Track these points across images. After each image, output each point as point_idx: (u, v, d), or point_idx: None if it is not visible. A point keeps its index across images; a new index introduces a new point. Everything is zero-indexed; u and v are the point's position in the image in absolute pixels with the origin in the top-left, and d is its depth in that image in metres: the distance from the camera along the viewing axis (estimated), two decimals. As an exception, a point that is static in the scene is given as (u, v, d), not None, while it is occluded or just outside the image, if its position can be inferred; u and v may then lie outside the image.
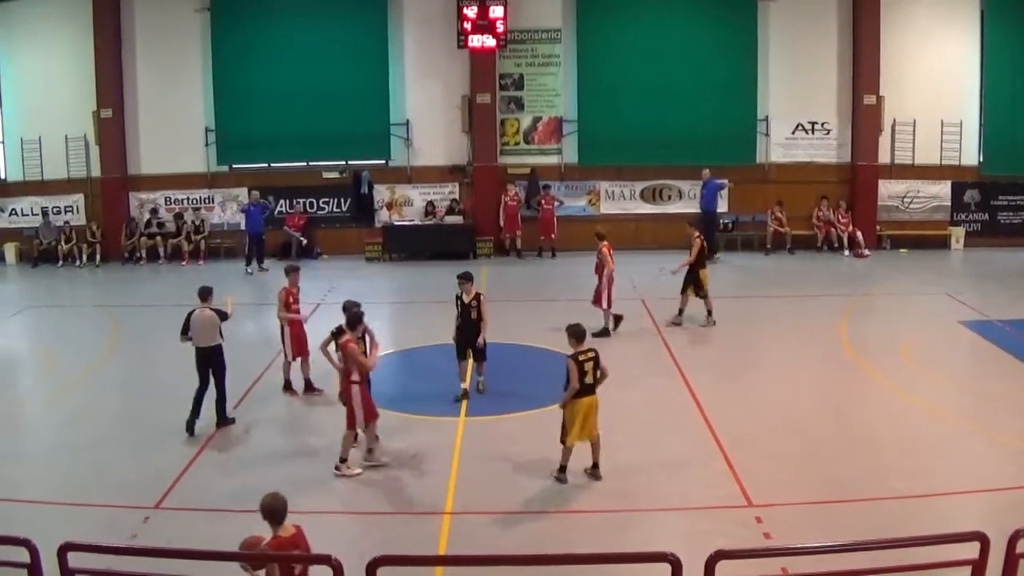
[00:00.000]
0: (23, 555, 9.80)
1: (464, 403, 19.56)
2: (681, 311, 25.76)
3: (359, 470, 16.61)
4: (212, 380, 18.80)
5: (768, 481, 15.79)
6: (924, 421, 18.79)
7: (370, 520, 14.73)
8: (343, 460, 16.56)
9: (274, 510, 10.29)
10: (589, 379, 15.72)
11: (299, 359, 20.83)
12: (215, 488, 16.04)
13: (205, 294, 18.93)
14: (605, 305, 24.64)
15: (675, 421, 18.72)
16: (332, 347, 17.50)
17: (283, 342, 20.82)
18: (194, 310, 18.85)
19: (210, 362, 18.79)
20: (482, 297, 20.13)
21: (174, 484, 16.06)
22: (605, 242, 24.97)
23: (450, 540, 14.03)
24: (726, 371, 21.96)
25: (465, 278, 20.23)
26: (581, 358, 15.73)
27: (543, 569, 12.06)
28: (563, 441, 15.91)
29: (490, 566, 12.67)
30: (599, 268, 24.74)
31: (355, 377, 16.51)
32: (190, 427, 18.54)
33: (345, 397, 16.87)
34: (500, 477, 16.36)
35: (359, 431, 16.88)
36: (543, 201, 35.88)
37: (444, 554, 13.57)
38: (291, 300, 20.76)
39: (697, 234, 25.96)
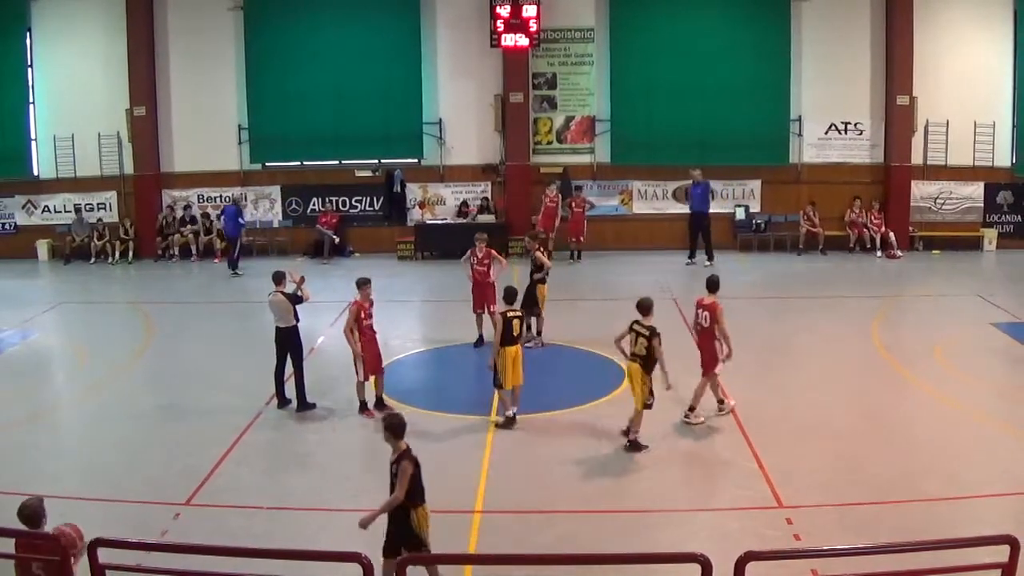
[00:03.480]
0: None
1: (494, 402, 19.46)
2: (537, 331, 24.25)
3: (702, 418, 18.61)
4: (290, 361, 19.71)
5: (799, 482, 15.76)
6: (956, 423, 18.70)
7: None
8: (691, 409, 18.66)
9: (26, 516, 10.39)
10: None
11: (372, 377, 19.44)
12: (246, 485, 16.13)
13: (277, 279, 19.57)
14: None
15: (707, 421, 18.67)
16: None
17: (355, 361, 19.20)
18: (270, 294, 19.53)
19: (285, 342, 19.55)
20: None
21: (205, 480, 16.14)
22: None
23: (479, 539, 14.06)
24: (758, 372, 21.87)
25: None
26: (510, 315, 18.61)
27: (573, 569, 12.07)
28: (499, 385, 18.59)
29: (519, 565, 12.69)
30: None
31: (719, 333, 18.61)
32: (280, 404, 19.64)
33: (703, 347, 18.91)
34: (530, 476, 16.40)
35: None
36: (573, 204, 35.35)
37: (473, 553, 13.61)
38: (363, 315, 19.12)
39: (538, 246, 24.86)
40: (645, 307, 17.60)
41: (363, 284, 19.38)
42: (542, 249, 24.94)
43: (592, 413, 19.31)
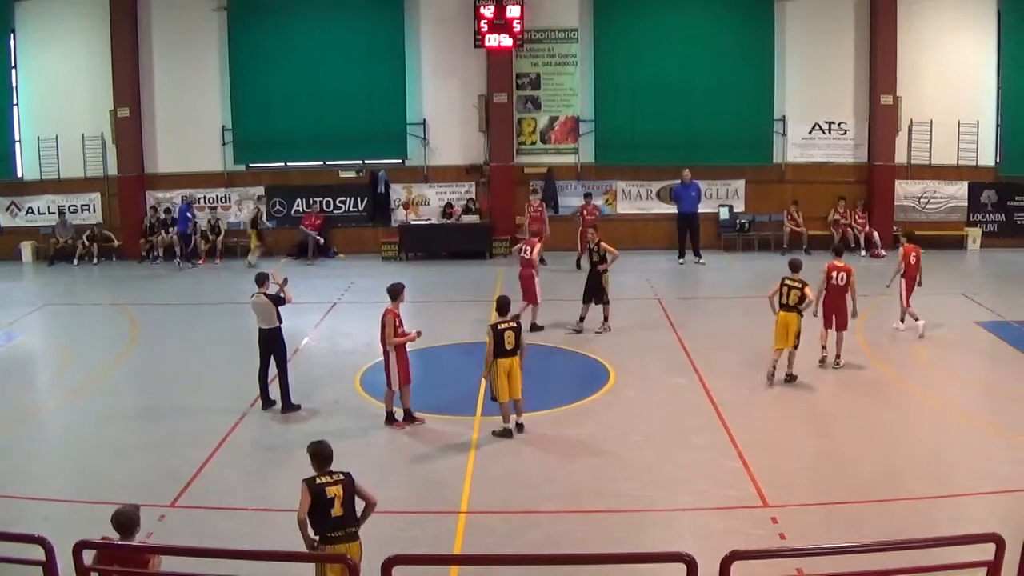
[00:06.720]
0: (38, 553, 9.80)
1: (479, 403, 19.43)
2: (604, 318, 25.11)
3: (843, 362, 21.98)
4: (274, 362, 19.64)
5: (784, 481, 15.79)
6: (940, 422, 18.77)
7: (385, 519, 14.66)
8: (837, 357, 22.09)
9: (119, 523, 10.59)
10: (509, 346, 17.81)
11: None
12: (231, 486, 16.11)
13: (259, 280, 19.60)
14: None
15: (691, 421, 18.69)
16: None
17: (388, 370, 18.65)
18: (253, 295, 19.56)
19: (268, 344, 19.48)
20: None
21: (190, 482, 16.12)
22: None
23: (465, 539, 14.06)
24: (742, 371, 21.87)
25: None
26: (501, 327, 17.86)
27: (558, 569, 12.05)
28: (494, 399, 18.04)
29: (505, 566, 12.68)
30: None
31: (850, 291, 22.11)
32: (265, 406, 19.65)
33: (836, 307, 22.03)
34: (515, 476, 16.40)
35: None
36: (585, 211, 34.44)
37: (459, 553, 13.59)
38: (398, 323, 18.54)
39: (599, 237, 25.38)
40: (797, 265, 21.45)
41: (399, 290, 18.98)
42: (599, 239, 25.35)
43: (577, 413, 19.33)
